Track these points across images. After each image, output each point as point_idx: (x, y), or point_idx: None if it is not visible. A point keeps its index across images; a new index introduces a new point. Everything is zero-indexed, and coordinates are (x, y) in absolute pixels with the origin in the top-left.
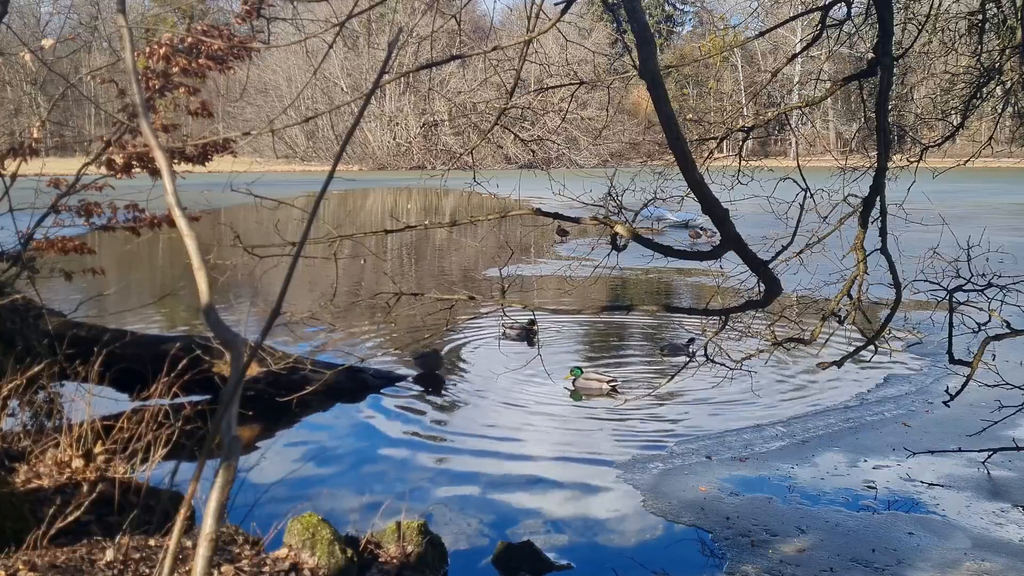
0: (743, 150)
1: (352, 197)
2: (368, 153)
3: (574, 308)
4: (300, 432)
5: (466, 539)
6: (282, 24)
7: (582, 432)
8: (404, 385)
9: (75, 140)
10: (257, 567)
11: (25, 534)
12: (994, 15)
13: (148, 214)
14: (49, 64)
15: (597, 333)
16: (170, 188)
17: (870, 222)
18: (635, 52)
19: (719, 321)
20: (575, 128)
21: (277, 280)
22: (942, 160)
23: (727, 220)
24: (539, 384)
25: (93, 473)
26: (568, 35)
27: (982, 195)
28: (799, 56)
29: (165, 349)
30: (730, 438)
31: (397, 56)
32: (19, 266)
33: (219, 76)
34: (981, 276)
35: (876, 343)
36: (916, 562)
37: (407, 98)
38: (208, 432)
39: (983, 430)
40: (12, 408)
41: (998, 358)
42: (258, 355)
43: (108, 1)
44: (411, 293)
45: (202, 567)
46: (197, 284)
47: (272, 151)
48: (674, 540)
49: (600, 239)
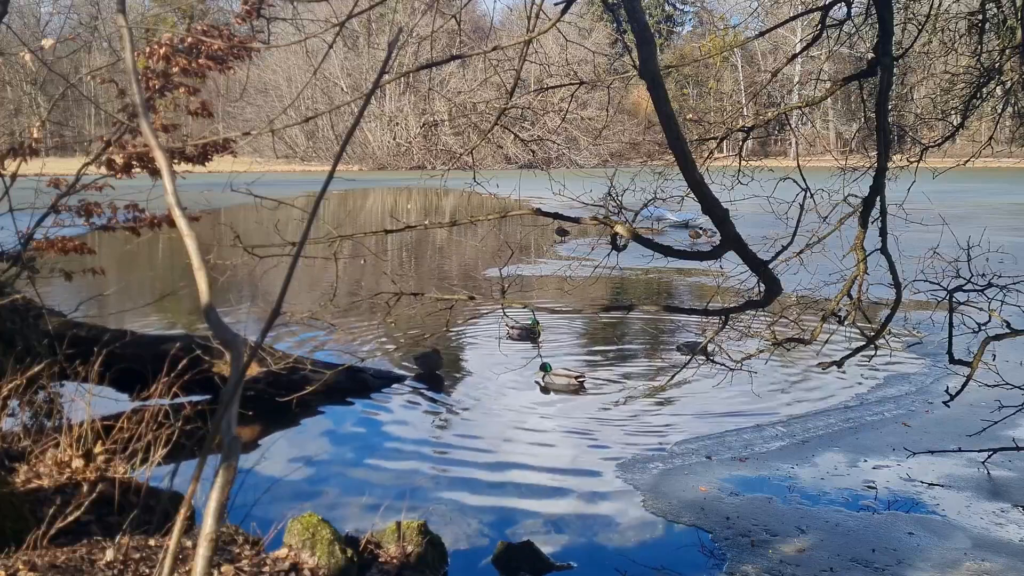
0: (743, 150)
1: (352, 197)
2: (368, 153)
3: (574, 308)
4: (300, 432)
5: (466, 539)
6: (282, 24)
7: (582, 432)
8: (404, 385)
9: (75, 140)
10: (257, 567)
11: (25, 534)
12: (994, 15)
13: (148, 214)
14: (49, 64)
15: (597, 333)
16: (170, 188)
17: (870, 222)
18: (635, 52)
19: (719, 321)
20: (575, 128)
21: (277, 280)
22: (942, 160)
23: (727, 220)
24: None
25: (93, 473)
26: (568, 35)
27: (982, 195)
28: (799, 56)
29: (165, 349)
30: (730, 438)
31: (397, 56)
32: (19, 266)
33: (219, 76)
34: (981, 276)
35: (876, 343)
36: (916, 562)
37: (407, 98)
38: (208, 432)
39: (983, 430)
40: (12, 408)
41: (998, 358)
42: (258, 355)
43: (108, 1)
44: (411, 293)
45: (202, 567)
46: (197, 284)
47: (272, 151)
48: (674, 540)
49: (600, 239)
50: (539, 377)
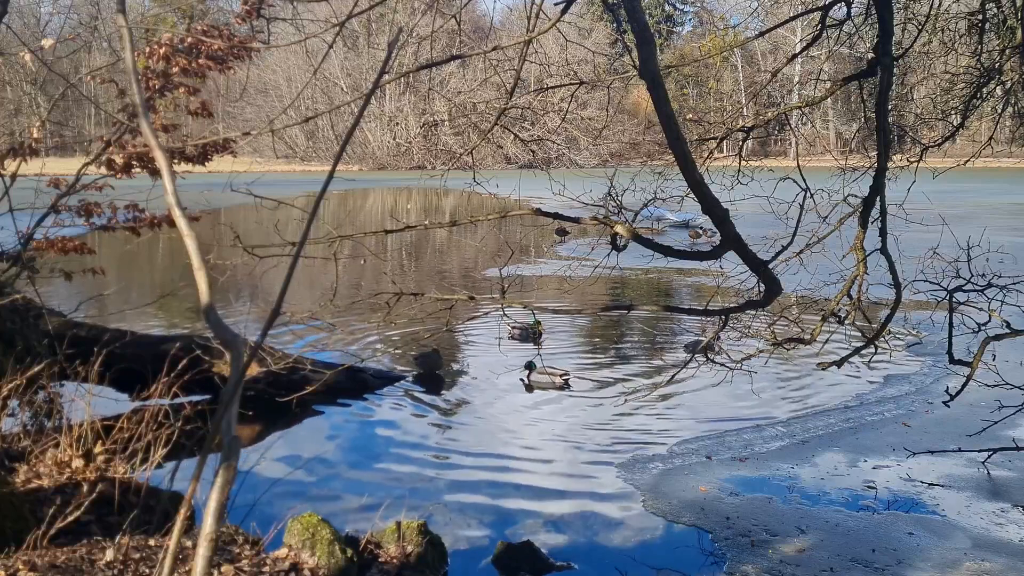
0: (743, 150)
1: (352, 197)
2: (368, 153)
3: (574, 308)
4: (300, 432)
5: (466, 539)
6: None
7: (582, 432)
8: (404, 385)
9: (75, 140)
10: (257, 567)
11: (25, 534)
12: (994, 15)
13: (148, 214)
14: (49, 64)
15: (597, 333)
16: (170, 188)
17: (870, 222)
18: (635, 52)
19: (719, 321)
20: (575, 128)
21: (277, 280)
22: (942, 160)
23: (727, 220)
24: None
25: (93, 473)
26: (568, 35)
27: (982, 195)
28: (799, 56)
29: (165, 349)
30: (730, 438)
31: (397, 56)
32: (19, 266)
33: (219, 76)
34: (981, 276)
35: (876, 343)
36: (916, 562)
37: (407, 98)
38: (208, 432)
39: (983, 430)
40: (12, 408)
41: (998, 358)
42: (258, 355)
43: (108, 1)
44: (411, 293)
45: (202, 567)
46: (197, 284)
47: (272, 151)
48: (674, 540)
49: (600, 239)
50: (524, 375)
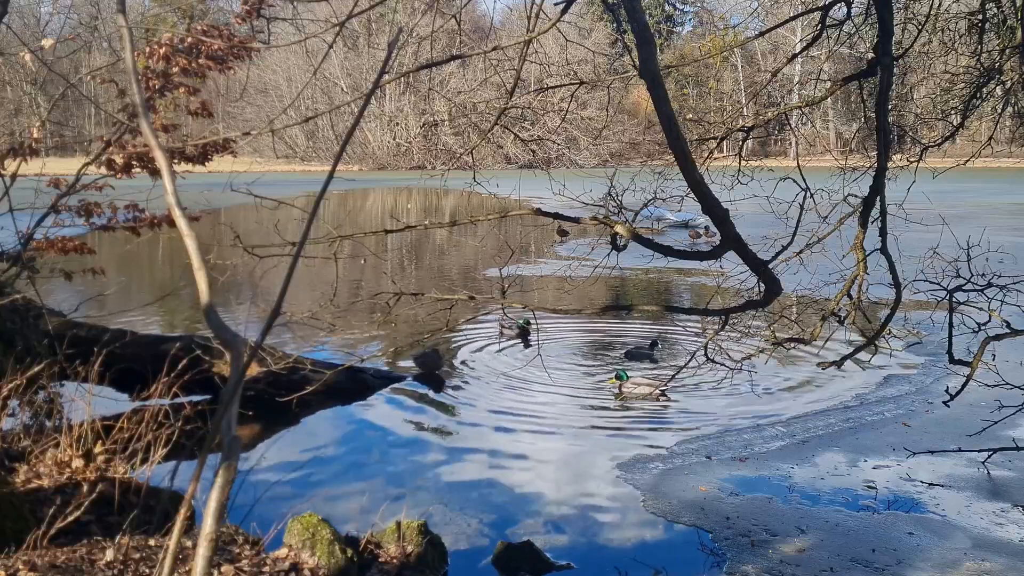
0: (743, 150)
1: (352, 197)
2: (368, 153)
3: (574, 308)
4: (300, 432)
5: (466, 539)
6: (282, 24)
7: (582, 432)
8: (404, 385)
9: (75, 140)
10: (257, 567)
11: (25, 534)
12: (994, 15)
13: (148, 214)
14: (49, 64)
15: (597, 333)
16: (170, 188)
17: (870, 222)
18: (635, 52)
19: (719, 321)
20: (575, 128)
21: (277, 280)
22: (942, 160)
23: (727, 220)
24: (539, 384)
25: (93, 473)
26: (568, 35)
27: (982, 195)
28: (799, 56)
29: (165, 349)
30: (730, 438)
31: (397, 56)
32: (19, 266)
33: (219, 76)
34: (981, 276)
35: (876, 343)
36: (916, 562)
37: (407, 98)
38: (208, 432)
39: (983, 430)
40: (12, 408)
41: (998, 358)
42: (258, 355)
43: (108, 1)
44: (411, 293)
45: (202, 567)
46: (197, 284)
47: (272, 151)
48: (674, 540)
49: (600, 239)
50: (614, 386)
